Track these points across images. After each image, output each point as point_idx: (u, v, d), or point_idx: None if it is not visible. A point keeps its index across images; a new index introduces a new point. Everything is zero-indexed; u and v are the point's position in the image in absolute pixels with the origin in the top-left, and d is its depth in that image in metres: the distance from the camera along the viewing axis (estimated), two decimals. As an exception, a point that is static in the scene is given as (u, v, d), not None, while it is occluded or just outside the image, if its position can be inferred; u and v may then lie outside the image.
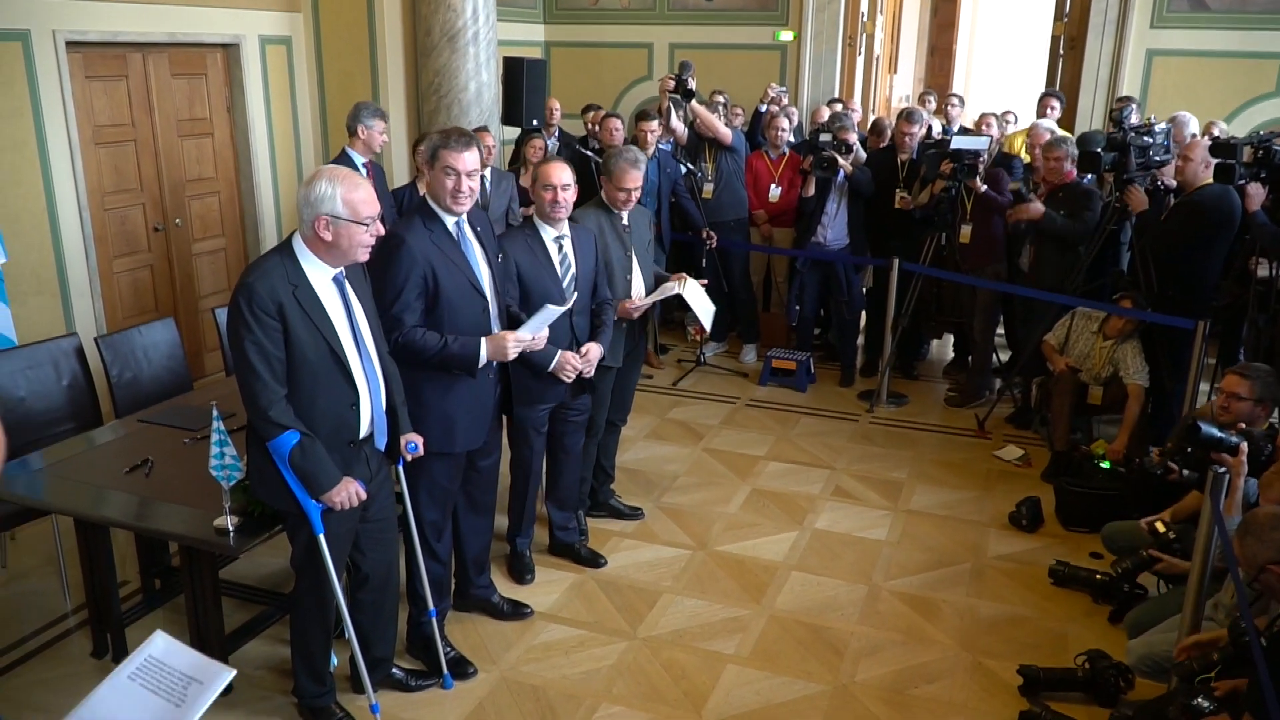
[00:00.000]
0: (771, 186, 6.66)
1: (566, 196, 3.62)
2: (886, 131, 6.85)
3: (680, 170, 6.37)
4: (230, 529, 2.90)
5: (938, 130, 6.95)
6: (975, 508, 4.78)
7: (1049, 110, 7.04)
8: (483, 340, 3.19)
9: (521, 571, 4.05)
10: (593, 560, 4.18)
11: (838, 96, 8.55)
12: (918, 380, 6.61)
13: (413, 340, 3.10)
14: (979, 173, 5.57)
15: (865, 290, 6.72)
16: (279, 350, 2.65)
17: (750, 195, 6.67)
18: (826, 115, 7.05)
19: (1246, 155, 4.63)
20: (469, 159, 3.08)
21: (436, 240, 3.13)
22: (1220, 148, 4.58)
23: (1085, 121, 7.85)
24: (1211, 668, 2.63)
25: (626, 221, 4.11)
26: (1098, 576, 3.94)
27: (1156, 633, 3.18)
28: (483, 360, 3.18)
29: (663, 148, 6.34)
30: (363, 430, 2.87)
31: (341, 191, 2.65)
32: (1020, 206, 5.42)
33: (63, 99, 5.16)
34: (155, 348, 4.27)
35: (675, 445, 5.48)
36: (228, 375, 4.25)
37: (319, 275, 2.73)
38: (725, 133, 6.49)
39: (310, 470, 2.71)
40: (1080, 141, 6.11)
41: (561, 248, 3.70)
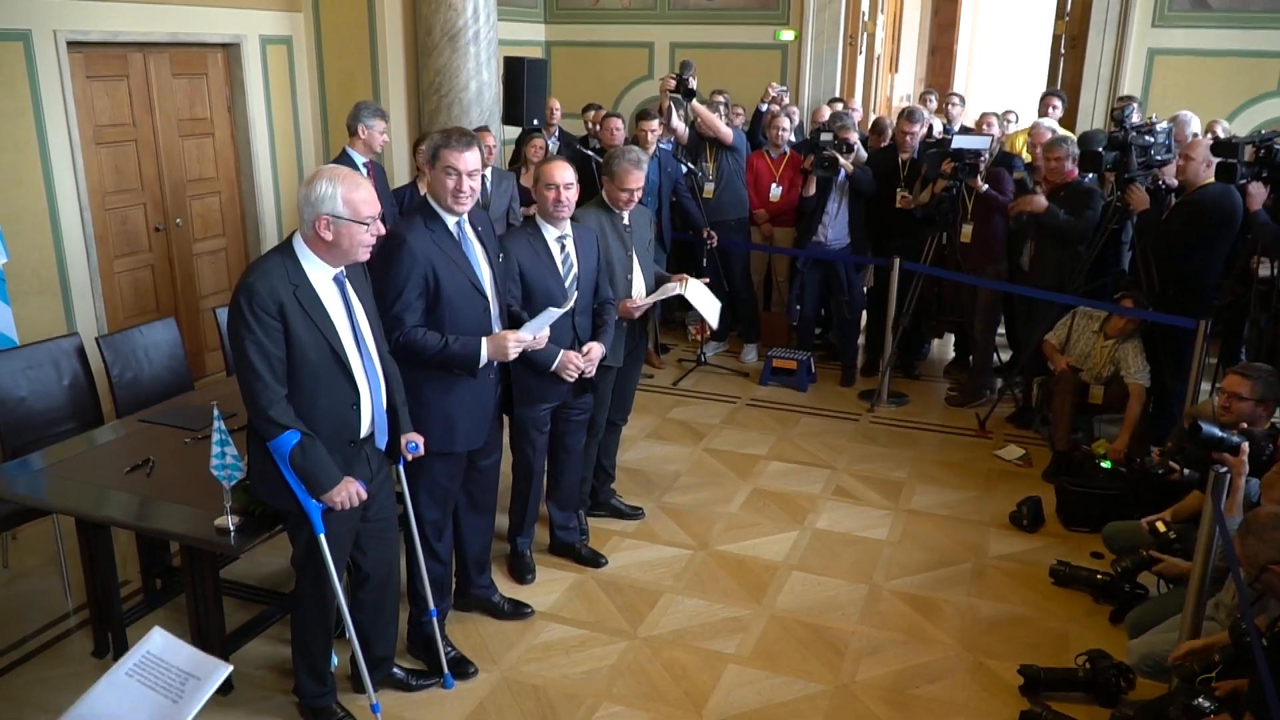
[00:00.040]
0: (772, 186, 6.66)
1: (569, 196, 3.62)
2: (887, 131, 6.85)
3: (681, 170, 6.36)
4: (231, 529, 2.91)
5: (939, 130, 6.94)
6: (976, 507, 4.78)
7: (1051, 109, 7.04)
8: (483, 340, 3.19)
9: (522, 571, 4.05)
10: (593, 560, 4.18)
11: (838, 96, 8.54)
12: (918, 380, 6.61)
13: (414, 340, 3.11)
14: (980, 172, 5.57)
15: (866, 290, 6.71)
16: (279, 350, 2.65)
17: (751, 195, 6.66)
18: (827, 115, 7.04)
19: (1248, 154, 4.63)
20: (470, 159, 3.08)
21: (438, 240, 3.13)
22: (1222, 147, 4.58)
23: (1086, 121, 7.85)
24: (1213, 668, 2.63)
25: (627, 221, 4.11)
26: (1099, 576, 3.93)
27: (1157, 633, 3.18)
28: (483, 360, 3.19)
29: (663, 147, 6.33)
30: (363, 430, 2.87)
31: (342, 191, 2.66)
32: (1024, 198, 5.42)
33: (64, 99, 5.16)
34: (156, 347, 4.27)
35: (676, 445, 5.48)
36: (229, 375, 4.26)
37: (319, 275, 2.74)
38: (726, 132, 6.49)
39: (311, 470, 2.71)
40: (1081, 141, 6.11)
41: (564, 247, 3.70)
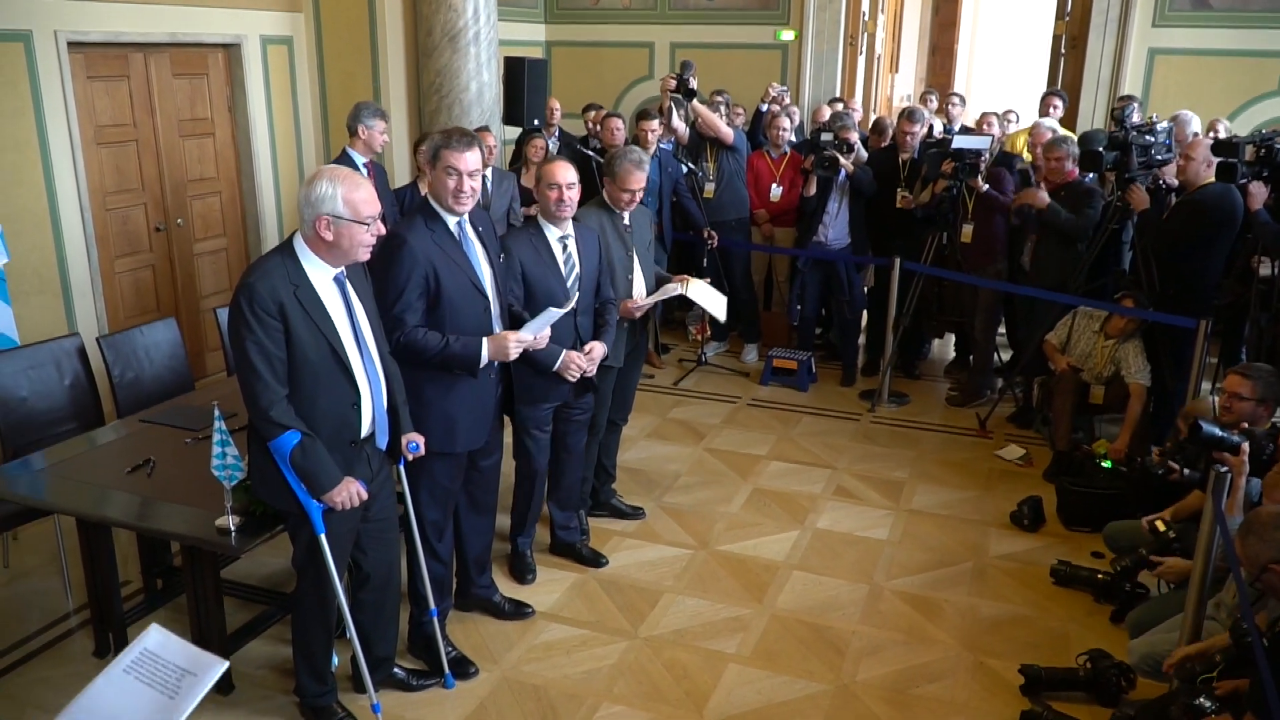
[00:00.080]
0: (773, 186, 6.66)
1: (571, 195, 3.62)
2: (888, 131, 6.85)
3: (681, 170, 6.36)
4: (232, 529, 2.91)
5: (939, 129, 6.95)
6: (977, 507, 4.78)
7: (1052, 109, 7.04)
8: (484, 340, 3.19)
9: (523, 571, 4.05)
10: (594, 560, 4.18)
11: (839, 96, 8.54)
12: (919, 380, 6.61)
13: (414, 340, 3.11)
14: (980, 172, 5.57)
15: (866, 290, 6.71)
16: (280, 350, 2.65)
17: (751, 195, 6.66)
18: (828, 114, 7.05)
19: (1248, 154, 4.63)
20: (471, 159, 3.09)
21: (438, 240, 3.13)
22: (1222, 146, 4.59)
23: (1087, 120, 7.84)
24: (1214, 668, 2.63)
25: (628, 221, 4.11)
26: (1099, 576, 3.93)
27: (1158, 632, 3.18)
28: (484, 360, 3.19)
29: (664, 147, 6.33)
30: (364, 430, 2.87)
31: (342, 191, 2.66)
32: (1027, 191, 5.42)
33: (64, 99, 5.16)
34: (157, 347, 4.27)
35: (677, 445, 5.48)
36: (229, 375, 4.26)
37: (320, 275, 2.74)
38: (727, 132, 6.49)
39: (311, 470, 2.71)
40: (1082, 140, 6.11)
41: (566, 247, 3.70)
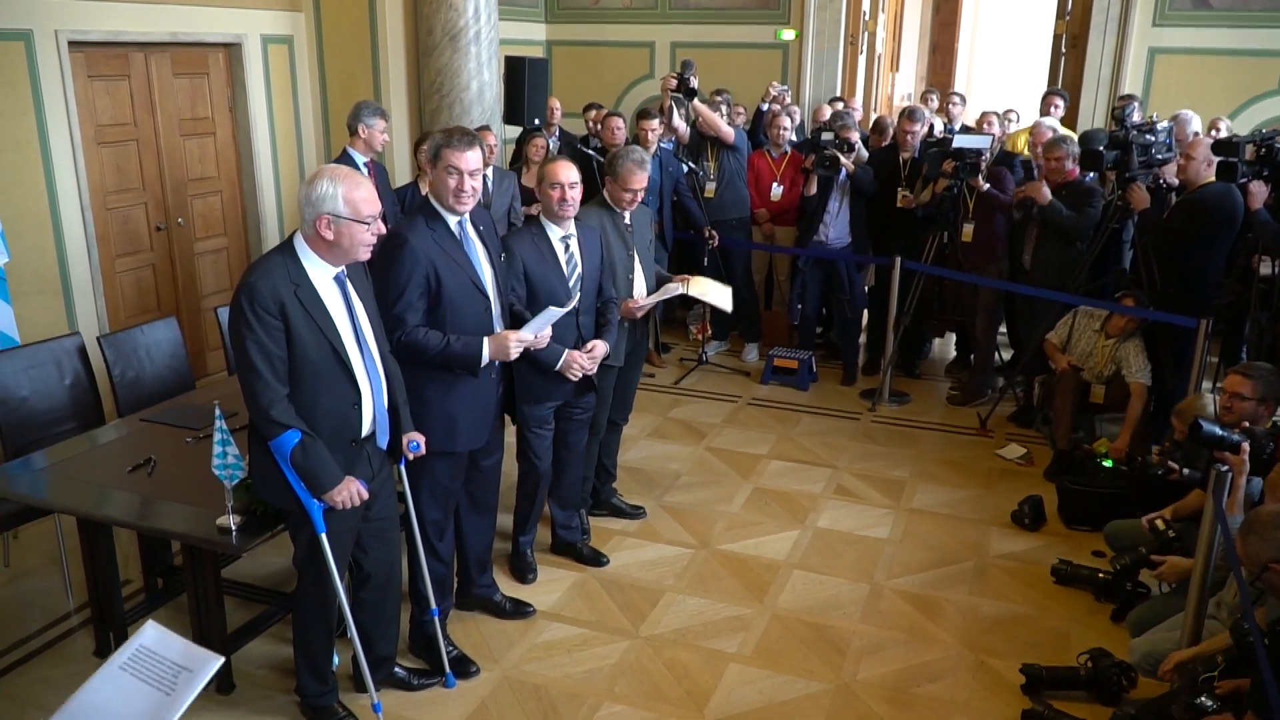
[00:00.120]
0: (773, 185, 6.66)
1: (574, 195, 3.62)
2: (888, 130, 6.85)
3: (682, 169, 6.36)
4: (232, 528, 2.91)
5: (939, 129, 6.95)
6: (977, 506, 4.78)
7: (1053, 108, 7.03)
8: (485, 340, 3.19)
9: (524, 570, 4.05)
10: (595, 559, 4.18)
11: (839, 95, 8.54)
12: (920, 379, 6.60)
13: (415, 339, 3.11)
14: (981, 171, 5.57)
15: (867, 289, 6.72)
16: (280, 349, 2.65)
17: (752, 194, 6.66)
18: (828, 114, 7.05)
19: (1249, 153, 4.63)
20: (471, 158, 3.09)
21: (439, 240, 3.13)
22: (1222, 145, 4.58)
23: (1087, 120, 7.84)
24: (1214, 667, 2.63)
25: (629, 221, 4.11)
26: (1100, 575, 3.93)
27: (1159, 631, 3.18)
28: (485, 359, 3.18)
29: (664, 146, 6.33)
30: (365, 429, 2.87)
31: (343, 190, 2.66)
32: (1030, 184, 5.42)
33: (65, 98, 5.17)
34: (157, 347, 4.27)
35: (677, 444, 5.48)
36: (230, 374, 4.26)
37: (320, 274, 2.74)
38: (727, 131, 6.48)
39: (312, 469, 2.71)
40: (1082, 140, 6.11)
41: (568, 247, 3.70)
